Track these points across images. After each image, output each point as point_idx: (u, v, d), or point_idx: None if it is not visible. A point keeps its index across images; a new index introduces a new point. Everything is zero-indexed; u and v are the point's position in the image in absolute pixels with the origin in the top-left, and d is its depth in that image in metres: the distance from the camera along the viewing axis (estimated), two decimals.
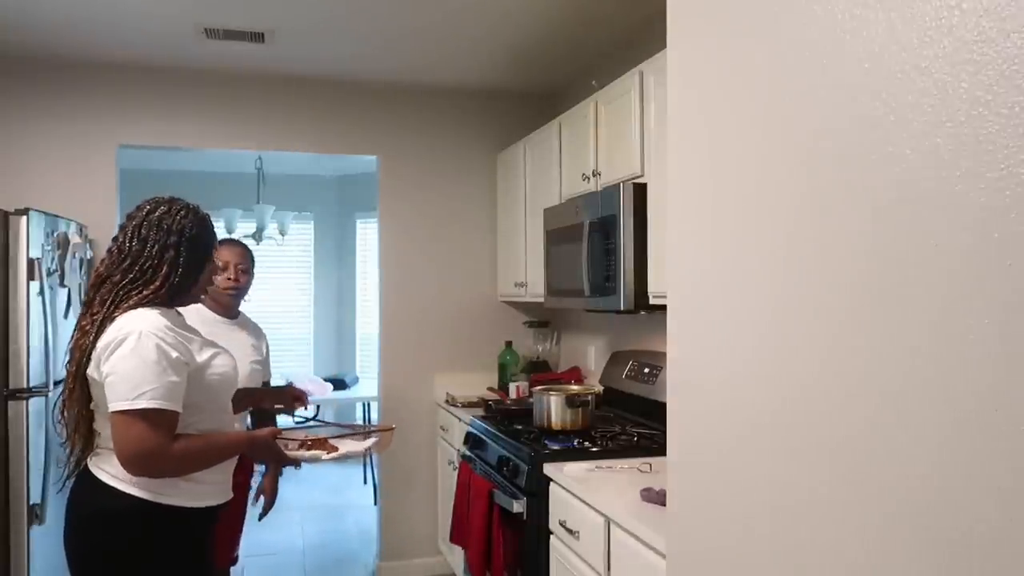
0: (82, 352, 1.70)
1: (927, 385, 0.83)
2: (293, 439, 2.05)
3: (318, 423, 4.60)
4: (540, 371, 3.88)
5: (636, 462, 2.39)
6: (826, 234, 0.97)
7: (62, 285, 3.11)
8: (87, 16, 3.06)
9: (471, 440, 3.17)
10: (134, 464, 1.66)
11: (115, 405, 1.63)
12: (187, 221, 1.82)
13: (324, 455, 2.04)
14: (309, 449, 2.04)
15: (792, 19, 1.04)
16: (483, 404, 3.47)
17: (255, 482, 2.78)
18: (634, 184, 2.55)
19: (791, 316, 1.04)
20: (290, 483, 6.09)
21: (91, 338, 1.69)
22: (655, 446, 2.57)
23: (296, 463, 2.03)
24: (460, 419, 3.51)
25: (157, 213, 1.80)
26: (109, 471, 1.73)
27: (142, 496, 1.72)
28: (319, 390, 5.62)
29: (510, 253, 3.94)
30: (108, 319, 1.70)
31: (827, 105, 0.97)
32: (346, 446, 2.11)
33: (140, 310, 1.72)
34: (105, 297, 1.73)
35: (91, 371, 1.70)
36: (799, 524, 1.03)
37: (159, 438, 1.65)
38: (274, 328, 6.80)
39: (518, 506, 2.49)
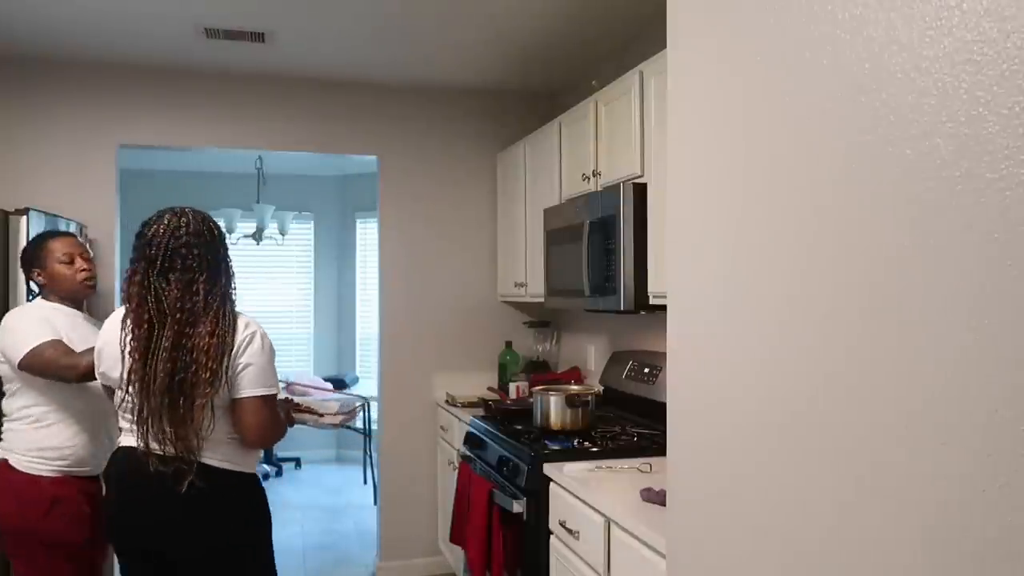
0: (226, 351, 1.91)
1: (927, 385, 0.83)
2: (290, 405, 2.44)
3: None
4: (540, 371, 3.88)
5: (636, 462, 2.39)
6: (825, 234, 0.97)
7: None
8: (87, 16, 3.06)
9: (471, 440, 3.17)
10: (270, 437, 2.02)
11: (258, 391, 1.95)
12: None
13: (318, 419, 2.46)
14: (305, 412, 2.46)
15: (792, 19, 1.04)
16: (483, 404, 3.47)
17: None
18: (634, 184, 2.55)
19: (790, 316, 1.04)
20: (291, 483, 6.10)
21: (229, 338, 1.92)
22: (655, 446, 2.57)
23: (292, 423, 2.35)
24: (460, 419, 3.52)
25: (208, 225, 2.00)
26: (221, 458, 1.96)
27: (247, 471, 2.03)
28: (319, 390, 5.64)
29: (510, 253, 3.94)
30: (234, 322, 1.96)
31: (827, 105, 0.97)
32: (328, 418, 2.51)
33: (244, 314, 2.01)
34: (221, 304, 1.95)
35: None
36: (799, 524, 1.03)
37: (280, 414, 2.08)
38: (274, 328, 6.84)
39: (518, 506, 2.49)
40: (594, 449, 2.57)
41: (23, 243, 2.80)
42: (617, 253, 2.56)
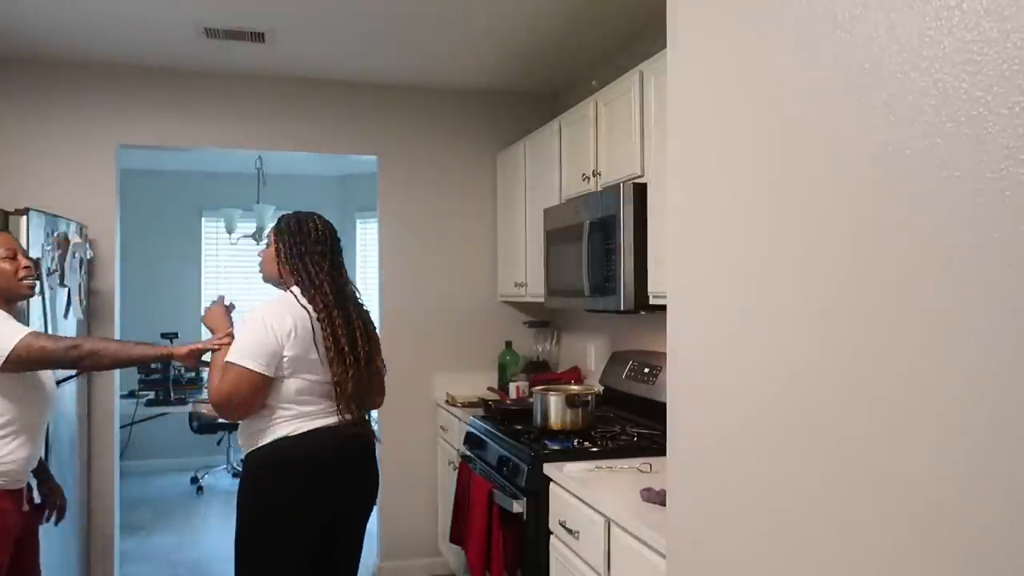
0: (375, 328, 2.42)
1: (929, 385, 0.83)
2: None
3: None
4: (540, 371, 3.88)
5: (636, 462, 2.39)
6: (825, 234, 0.97)
7: (62, 285, 3.11)
8: (87, 16, 3.06)
9: (471, 440, 3.17)
10: None
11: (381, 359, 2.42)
12: None
13: None
14: None
15: (792, 19, 1.04)
16: (483, 404, 3.47)
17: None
18: (634, 184, 2.55)
19: (791, 315, 1.04)
20: None
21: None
22: (655, 446, 2.57)
23: None
24: (460, 419, 3.52)
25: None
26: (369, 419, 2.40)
27: None
28: None
29: (510, 253, 3.94)
30: None
31: (826, 105, 0.97)
32: None
33: None
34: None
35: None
36: (800, 524, 1.03)
37: None
38: None
39: (518, 506, 2.49)
40: (594, 449, 2.57)
41: (23, 243, 2.80)
42: (617, 253, 2.56)
